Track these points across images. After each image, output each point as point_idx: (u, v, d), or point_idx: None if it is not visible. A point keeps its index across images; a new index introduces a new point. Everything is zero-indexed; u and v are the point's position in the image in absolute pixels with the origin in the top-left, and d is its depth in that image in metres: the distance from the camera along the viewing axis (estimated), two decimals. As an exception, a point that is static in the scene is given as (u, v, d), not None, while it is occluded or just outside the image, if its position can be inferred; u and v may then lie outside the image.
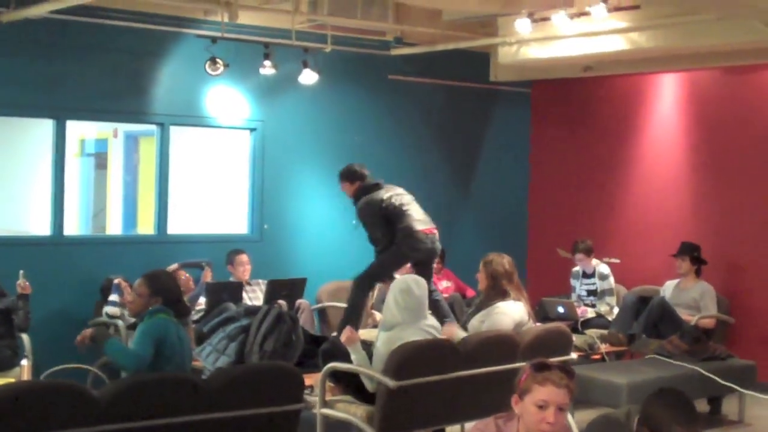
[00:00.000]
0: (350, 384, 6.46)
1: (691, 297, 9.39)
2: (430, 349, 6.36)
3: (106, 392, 4.78)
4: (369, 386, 6.28)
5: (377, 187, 8.52)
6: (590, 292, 10.08)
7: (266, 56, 9.37)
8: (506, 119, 11.81)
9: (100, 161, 12.73)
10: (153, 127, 9.60)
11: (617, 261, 10.61)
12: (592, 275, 10.10)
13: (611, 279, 10.04)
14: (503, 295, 7.03)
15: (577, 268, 10.22)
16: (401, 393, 6.12)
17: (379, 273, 8.58)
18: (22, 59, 8.55)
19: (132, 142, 12.18)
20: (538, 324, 7.44)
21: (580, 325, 9.51)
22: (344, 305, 9.25)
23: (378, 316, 9.70)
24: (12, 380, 6.47)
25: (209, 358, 7.30)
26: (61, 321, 8.60)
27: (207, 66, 9.00)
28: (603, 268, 10.09)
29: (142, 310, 5.75)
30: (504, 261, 7.15)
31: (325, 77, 9.77)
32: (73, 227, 10.72)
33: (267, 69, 9.41)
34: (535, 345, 6.91)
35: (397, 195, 8.49)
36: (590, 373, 7.77)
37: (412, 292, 6.37)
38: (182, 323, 6.17)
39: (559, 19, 8.87)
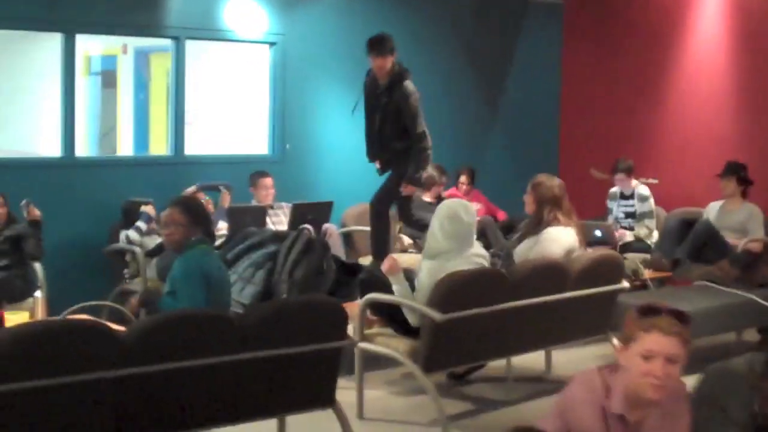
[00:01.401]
0: (391, 317, 5.99)
1: (737, 220, 8.85)
2: (478, 280, 5.86)
3: (131, 332, 4.28)
4: (412, 320, 5.81)
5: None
6: (628, 215, 9.56)
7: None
8: (538, 33, 11.22)
9: (108, 79, 12.11)
10: (165, 42, 9.04)
11: (656, 182, 10.08)
12: (630, 197, 9.57)
13: (651, 201, 9.51)
14: (553, 220, 6.52)
15: (614, 189, 9.69)
16: (447, 326, 5.65)
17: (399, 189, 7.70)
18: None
19: (142, 59, 11.57)
20: (589, 250, 6.94)
21: (618, 249, 9.01)
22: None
23: (406, 240, 9.25)
24: (26, 314, 6.01)
25: (235, 287, 6.85)
26: (75, 248, 8.14)
27: (225, -26, 8.42)
28: (643, 189, 9.55)
29: (185, 242, 5.18)
30: (555, 184, 6.64)
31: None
32: (81, 149, 10.19)
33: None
34: (585, 273, 6.45)
35: None
36: (637, 302, 7.27)
37: (461, 218, 5.86)
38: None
39: None
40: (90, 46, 11.48)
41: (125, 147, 11.59)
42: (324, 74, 9.57)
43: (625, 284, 6.88)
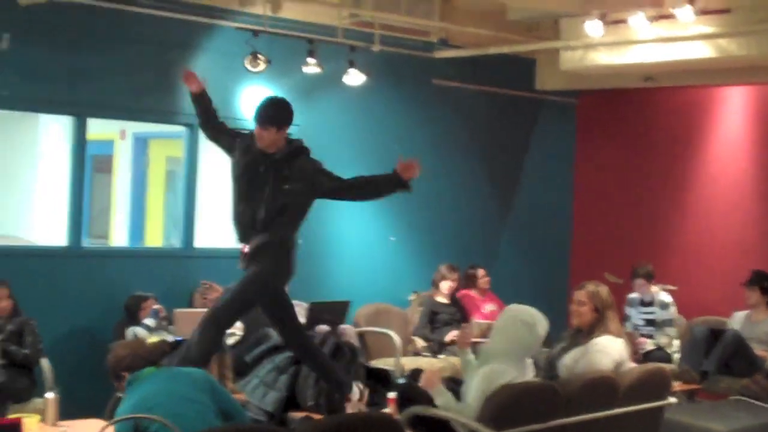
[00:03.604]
0: (434, 430, 5.57)
1: (763, 331, 8.58)
2: (531, 394, 5.49)
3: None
4: (461, 433, 5.40)
5: None
6: (649, 322, 9.23)
7: (310, 53, 8.50)
8: (551, 131, 11.04)
9: (101, 164, 11.75)
10: (166, 129, 8.77)
11: (674, 288, 9.78)
12: (650, 303, 9.26)
13: (673, 308, 9.21)
14: (606, 330, 6.18)
15: (633, 295, 9.38)
16: (500, 444, 5.24)
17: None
18: (42, 48, 7.61)
19: (141, 145, 11.24)
20: (634, 364, 6.58)
21: (640, 359, 8.67)
22: (385, 330, 8.48)
23: (419, 342, 8.89)
24: (36, 417, 5.51)
25: (256, 392, 6.45)
26: (79, 342, 7.70)
27: (247, 62, 8.13)
28: (664, 297, 9.25)
29: None
30: (607, 291, 6.32)
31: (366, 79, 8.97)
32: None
33: (311, 67, 8.55)
34: (635, 388, 6.09)
35: None
36: (681, 418, 6.93)
37: (536, 330, 5.53)
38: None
39: (637, 21, 8.08)
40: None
41: (119, 235, 11.19)
42: (338, 166, 9.21)
43: (673, 400, 6.53)
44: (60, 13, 7.56)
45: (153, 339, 7.10)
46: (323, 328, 7.54)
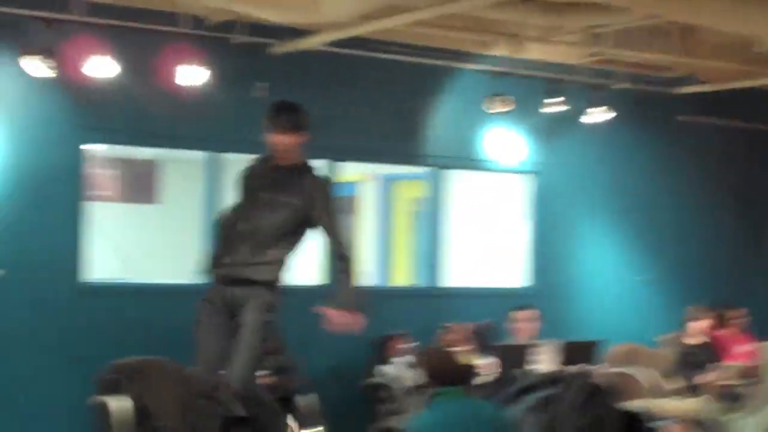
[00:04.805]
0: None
1: None
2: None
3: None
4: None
5: None
6: None
7: (551, 93, 8.50)
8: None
9: (346, 205, 12.09)
10: (411, 170, 8.95)
11: None
12: None
13: None
14: None
15: None
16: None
17: None
18: (294, 95, 7.90)
19: (386, 186, 11.50)
20: None
21: None
22: (635, 371, 8.26)
23: (671, 384, 8.60)
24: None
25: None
26: (334, 378, 7.94)
27: (487, 103, 8.22)
28: None
29: None
30: None
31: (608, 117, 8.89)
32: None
33: (551, 107, 8.55)
34: None
35: None
36: None
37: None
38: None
39: None
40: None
41: (365, 274, 11.42)
42: (585, 205, 9.23)
43: None
44: (311, 60, 7.91)
45: (468, 358, 7.20)
46: (573, 368, 7.45)
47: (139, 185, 10.51)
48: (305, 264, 9.21)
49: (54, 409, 7.13)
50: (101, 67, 6.87)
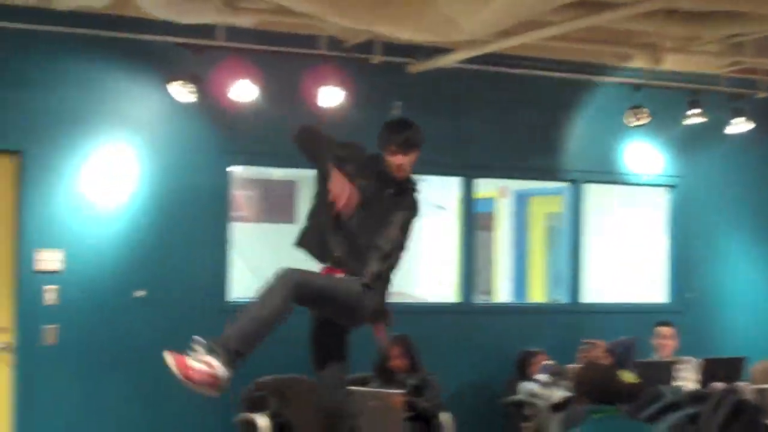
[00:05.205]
0: None
1: None
2: None
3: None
4: None
5: None
6: None
7: (693, 104, 8.36)
8: None
9: (482, 222, 12.05)
10: (547, 185, 8.95)
11: None
12: None
13: None
14: None
15: None
16: None
17: None
18: (430, 112, 8.00)
19: (521, 202, 11.46)
20: None
21: None
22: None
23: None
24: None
25: (654, 451, 6.30)
26: (474, 396, 7.96)
27: (627, 116, 8.13)
28: None
29: None
30: None
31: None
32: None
33: (692, 118, 8.40)
34: None
35: None
36: None
37: None
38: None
39: None
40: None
41: (502, 290, 11.41)
42: (726, 218, 9.02)
43: None
44: (446, 77, 7.95)
45: (629, 376, 7.10)
46: (718, 385, 7.29)
47: (278, 205, 10.69)
48: (436, 282, 9.33)
49: (200, 429, 7.27)
50: (245, 90, 7.01)
